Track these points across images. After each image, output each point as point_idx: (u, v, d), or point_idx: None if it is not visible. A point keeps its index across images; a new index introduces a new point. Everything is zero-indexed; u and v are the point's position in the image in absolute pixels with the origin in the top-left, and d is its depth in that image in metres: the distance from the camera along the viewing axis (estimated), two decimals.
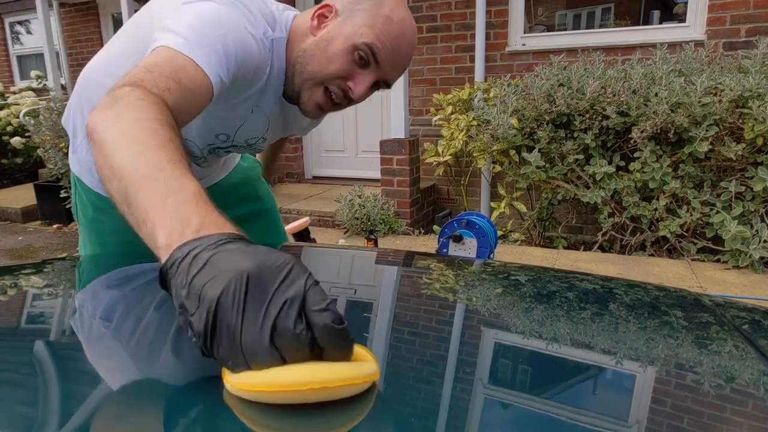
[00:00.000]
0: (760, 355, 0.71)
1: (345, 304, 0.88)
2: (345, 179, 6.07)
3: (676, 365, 0.68)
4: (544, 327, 0.79)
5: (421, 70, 5.29)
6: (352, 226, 4.55)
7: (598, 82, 3.76)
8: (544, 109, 3.90)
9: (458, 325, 0.82)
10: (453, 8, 5.05)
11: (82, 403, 0.57)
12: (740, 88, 3.38)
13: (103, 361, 0.67)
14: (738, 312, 0.90)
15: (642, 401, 0.59)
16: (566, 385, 0.63)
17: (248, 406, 0.51)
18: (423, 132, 5.22)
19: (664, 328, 0.81)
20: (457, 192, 5.05)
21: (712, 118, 3.46)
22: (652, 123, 3.55)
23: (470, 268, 1.14)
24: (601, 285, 1.00)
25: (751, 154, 3.52)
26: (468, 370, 0.64)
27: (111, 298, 0.90)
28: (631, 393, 0.61)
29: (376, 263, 1.21)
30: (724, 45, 4.21)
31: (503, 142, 4.06)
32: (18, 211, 6.03)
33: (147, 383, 0.60)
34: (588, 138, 3.81)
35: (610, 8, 4.84)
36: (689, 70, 3.74)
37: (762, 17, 4.08)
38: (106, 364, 0.66)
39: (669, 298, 0.95)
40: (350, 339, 0.53)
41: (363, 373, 0.53)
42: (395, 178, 4.70)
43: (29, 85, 8.23)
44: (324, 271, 1.17)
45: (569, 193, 4.00)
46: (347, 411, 0.52)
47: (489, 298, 0.94)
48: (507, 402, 0.59)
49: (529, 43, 4.87)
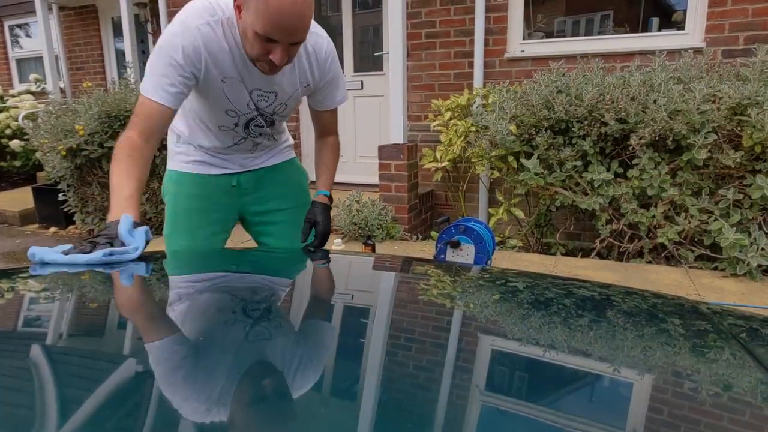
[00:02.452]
0: (757, 363, 0.71)
1: (342, 310, 0.88)
2: (343, 184, 6.06)
3: (674, 373, 0.68)
4: (541, 334, 0.79)
5: (420, 76, 5.30)
6: (350, 232, 4.54)
7: (597, 88, 3.77)
8: (542, 115, 3.91)
9: (455, 332, 0.82)
10: (452, 14, 5.06)
11: (97, 406, 0.57)
12: (739, 96, 3.38)
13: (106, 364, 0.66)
14: (735, 320, 0.89)
15: (639, 409, 0.59)
16: (563, 393, 0.62)
17: (249, 408, 0.51)
18: (421, 138, 5.23)
19: (661, 335, 0.80)
20: (455, 198, 5.05)
21: (710, 126, 3.47)
22: (651, 130, 3.56)
23: (468, 275, 1.14)
24: (598, 292, 1.00)
25: (749, 161, 3.52)
26: (465, 377, 0.64)
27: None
28: (629, 401, 0.61)
29: (374, 269, 1.20)
30: (723, 53, 4.22)
31: (501, 148, 4.06)
32: (16, 214, 6.01)
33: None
34: (586, 144, 3.82)
35: (609, 15, 4.86)
36: (688, 78, 3.75)
37: (761, 25, 4.10)
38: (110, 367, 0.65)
39: (666, 305, 0.95)
40: None
41: None
42: (393, 184, 4.69)
43: (28, 89, 8.24)
44: (321, 277, 1.17)
45: (567, 200, 4.00)
46: (346, 415, 0.52)
47: (486, 304, 0.94)
48: (504, 409, 0.58)
49: (528, 50, 4.88)
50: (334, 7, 5.97)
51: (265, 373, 0.65)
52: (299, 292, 1.03)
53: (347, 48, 5.91)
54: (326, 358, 0.69)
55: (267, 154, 1.95)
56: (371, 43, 5.87)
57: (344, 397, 0.59)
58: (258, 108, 1.68)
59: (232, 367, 0.67)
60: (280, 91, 1.66)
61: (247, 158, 1.91)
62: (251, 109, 1.67)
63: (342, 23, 5.89)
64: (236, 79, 1.56)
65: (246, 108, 1.66)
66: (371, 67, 5.86)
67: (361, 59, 5.93)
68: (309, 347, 0.73)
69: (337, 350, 0.72)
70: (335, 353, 0.71)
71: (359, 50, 5.93)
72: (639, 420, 0.57)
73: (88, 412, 0.55)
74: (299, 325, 0.83)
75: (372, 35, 5.85)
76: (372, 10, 5.79)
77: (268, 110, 1.71)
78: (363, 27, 5.89)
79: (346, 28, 5.88)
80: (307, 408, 0.51)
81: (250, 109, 1.67)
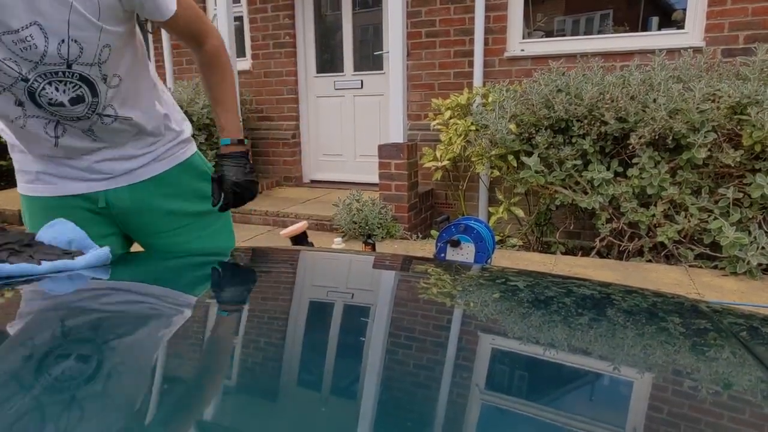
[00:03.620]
0: (758, 361, 0.71)
1: (342, 309, 0.88)
2: (343, 183, 6.07)
3: (674, 372, 0.68)
4: (541, 333, 0.79)
5: (420, 75, 5.30)
6: (350, 231, 4.54)
7: (597, 87, 3.77)
8: (542, 114, 3.91)
9: (455, 331, 0.82)
10: (452, 13, 5.06)
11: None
12: (738, 95, 3.38)
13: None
14: (735, 318, 0.90)
15: (639, 408, 0.59)
16: (563, 392, 0.62)
17: (248, 409, 0.51)
18: (421, 137, 5.23)
19: (661, 334, 0.80)
20: (455, 197, 5.04)
21: (710, 125, 3.47)
22: (651, 129, 3.56)
23: (468, 273, 1.14)
24: (598, 291, 1.00)
25: (749, 160, 3.52)
26: (465, 376, 0.64)
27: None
28: (628, 400, 0.61)
29: (374, 268, 1.20)
30: (723, 52, 4.22)
31: (501, 147, 4.06)
32: (15, 213, 6.01)
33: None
34: (586, 143, 3.82)
35: (609, 14, 4.86)
36: (687, 77, 3.75)
37: (761, 24, 4.10)
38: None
39: (666, 304, 0.95)
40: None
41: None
42: (393, 183, 4.69)
43: None
44: (321, 276, 1.17)
45: (567, 199, 4.00)
46: (345, 415, 0.52)
47: (486, 303, 0.94)
48: (504, 408, 0.58)
49: (528, 49, 4.88)
50: (334, 6, 5.97)
51: (264, 372, 0.65)
52: (299, 291, 1.03)
53: (347, 47, 5.91)
54: (326, 357, 0.69)
55: (144, 154, 1.41)
56: (371, 42, 5.87)
57: (344, 396, 0.59)
58: (28, 58, 1.09)
59: (231, 367, 0.67)
60: (41, 19, 1.07)
61: (105, 160, 1.35)
62: (14, 68, 1.10)
63: (342, 22, 5.89)
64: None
65: (7, 71, 1.10)
66: (371, 66, 5.86)
67: (360, 58, 5.93)
68: (309, 346, 0.73)
69: (337, 349, 0.72)
70: (335, 352, 0.71)
71: (359, 49, 5.93)
72: (639, 419, 0.57)
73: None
74: (299, 324, 0.83)
75: (372, 34, 5.85)
76: (372, 9, 5.79)
77: (54, 59, 1.11)
78: (363, 26, 5.89)
79: (346, 27, 5.88)
80: (307, 408, 0.51)
81: (12, 68, 1.10)
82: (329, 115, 6.16)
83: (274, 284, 1.08)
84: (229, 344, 0.75)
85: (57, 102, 1.18)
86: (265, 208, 5.28)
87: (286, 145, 6.25)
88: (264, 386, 0.61)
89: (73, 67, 1.14)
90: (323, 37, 6.12)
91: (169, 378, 0.63)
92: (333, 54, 6.09)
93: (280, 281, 1.11)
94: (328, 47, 6.13)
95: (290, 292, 1.02)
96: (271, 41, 6.12)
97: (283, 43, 6.07)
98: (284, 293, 1.00)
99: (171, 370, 0.65)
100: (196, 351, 0.72)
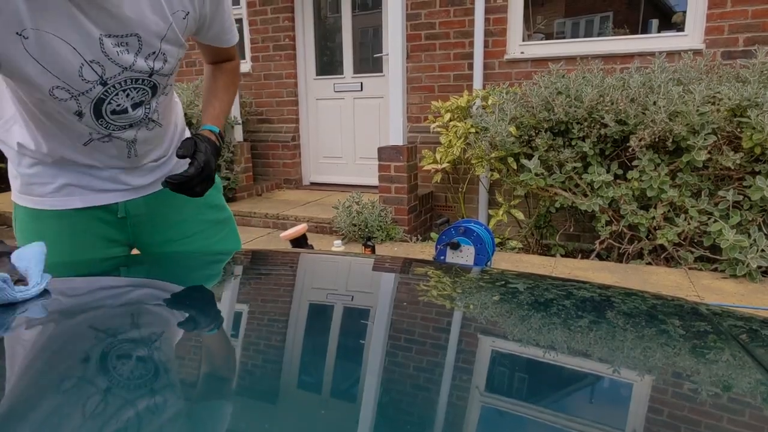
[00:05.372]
0: (757, 364, 0.70)
1: (342, 311, 0.88)
2: (343, 186, 6.07)
3: (673, 374, 0.68)
4: (541, 335, 0.79)
5: (420, 78, 5.30)
6: (350, 233, 4.54)
7: (597, 90, 3.77)
8: (542, 116, 3.91)
9: (455, 333, 0.82)
10: (452, 16, 5.07)
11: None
12: (738, 97, 3.39)
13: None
14: (735, 321, 0.89)
15: (639, 410, 0.59)
16: (563, 394, 0.62)
17: (249, 411, 0.51)
18: (421, 139, 5.23)
19: (661, 336, 0.80)
20: (455, 199, 5.05)
21: (710, 127, 3.47)
22: (651, 131, 3.56)
23: (467, 276, 1.13)
24: (598, 293, 1.00)
25: (749, 163, 3.52)
26: (465, 378, 0.64)
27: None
28: (628, 402, 0.61)
29: (374, 270, 1.20)
30: (723, 54, 4.23)
31: (501, 149, 4.06)
32: None
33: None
34: (586, 146, 3.82)
35: (609, 17, 4.86)
36: (687, 79, 3.76)
37: (760, 27, 4.10)
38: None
39: (666, 306, 0.94)
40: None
41: None
42: (393, 185, 4.70)
43: None
44: (321, 278, 1.17)
45: (567, 201, 4.00)
46: (346, 418, 0.52)
47: (486, 305, 0.94)
48: (504, 410, 0.58)
49: (528, 51, 4.88)
50: (334, 9, 5.98)
51: (265, 375, 0.65)
52: (299, 293, 1.03)
53: (347, 49, 5.92)
54: (326, 359, 0.69)
55: (161, 165, 1.44)
56: (371, 45, 5.87)
57: (344, 398, 0.59)
58: (119, 63, 1.11)
59: (231, 370, 0.67)
60: (142, 31, 1.12)
61: (129, 169, 1.36)
62: (100, 73, 1.10)
63: (341, 24, 5.90)
64: (68, 21, 1.02)
65: (86, 75, 1.09)
66: (371, 69, 5.86)
67: (360, 61, 5.94)
68: (309, 348, 0.73)
69: (338, 351, 0.72)
70: (335, 354, 0.71)
71: (359, 51, 5.93)
72: (639, 421, 0.56)
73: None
74: (299, 327, 0.83)
75: (371, 36, 5.86)
76: (371, 11, 5.79)
77: (142, 68, 1.16)
78: (362, 28, 5.90)
79: (346, 30, 5.89)
80: (308, 409, 0.51)
81: (99, 73, 1.10)
82: (329, 118, 6.17)
83: (275, 287, 1.08)
84: (229, 347, 0.75)
85: (121, 109, 1.20)
86: (264, 210, 5.28)
87: (286, 147, 6.25)
88: (264, 388, 0.61)
89: (153, 77, 1.20)
90: (323, 40, 6.13)
91: (169, 380, 0.63)
92: (333, 56, 6.10)
93: (280, 284, 1.11)
94: (327, 49, 6.13)
95: (290, 295, 1.01)
96: (270, 43, 6.12)
97: (282, 46, 6.08)
98: (284, 296, 1.00)
99: (171, 372, 0.65)
100: (196, 354, 0.72)
